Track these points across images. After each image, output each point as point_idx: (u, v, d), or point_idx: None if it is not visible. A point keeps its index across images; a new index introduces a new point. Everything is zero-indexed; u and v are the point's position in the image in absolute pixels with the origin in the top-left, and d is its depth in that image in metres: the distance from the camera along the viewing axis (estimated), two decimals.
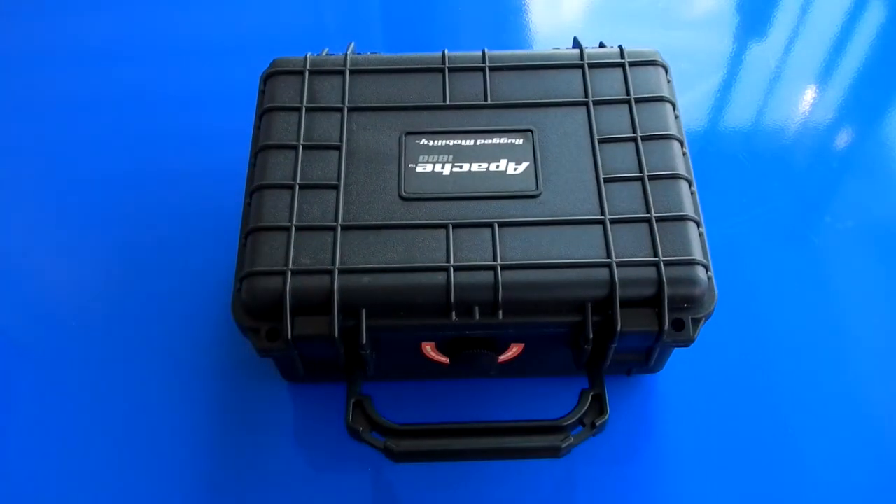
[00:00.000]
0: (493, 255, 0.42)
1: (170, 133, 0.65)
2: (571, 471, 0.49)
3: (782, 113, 0.67)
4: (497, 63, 0.50)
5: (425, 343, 0.46)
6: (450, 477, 0.48)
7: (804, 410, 0.51)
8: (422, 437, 0.43)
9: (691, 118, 0.65)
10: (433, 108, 0.48)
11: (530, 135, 0.47)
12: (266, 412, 0.51)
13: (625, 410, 0.50)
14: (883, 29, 0.73)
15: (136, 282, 0.56)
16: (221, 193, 0.59)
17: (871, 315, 0.55)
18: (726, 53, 0.71)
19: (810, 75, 0.69)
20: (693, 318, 0.42)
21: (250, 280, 0.42)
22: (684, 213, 0.44)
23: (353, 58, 0.51)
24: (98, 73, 0.69)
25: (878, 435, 0.50)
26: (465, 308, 0.42)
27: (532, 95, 0.49)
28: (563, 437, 0.42)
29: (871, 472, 0.48)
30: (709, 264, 0.43)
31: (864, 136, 0.66)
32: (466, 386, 0.52)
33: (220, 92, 0.68)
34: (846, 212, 0.60)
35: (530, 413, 0.50)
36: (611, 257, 0.42)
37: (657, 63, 0.50)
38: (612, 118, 0.48)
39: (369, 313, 0.41)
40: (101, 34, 0.73)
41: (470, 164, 0.46)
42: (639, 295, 0.42)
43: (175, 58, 0.71)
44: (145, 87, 0.68)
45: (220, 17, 0.74)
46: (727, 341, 0.53)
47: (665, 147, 0.46)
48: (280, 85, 0.49)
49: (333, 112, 0.48)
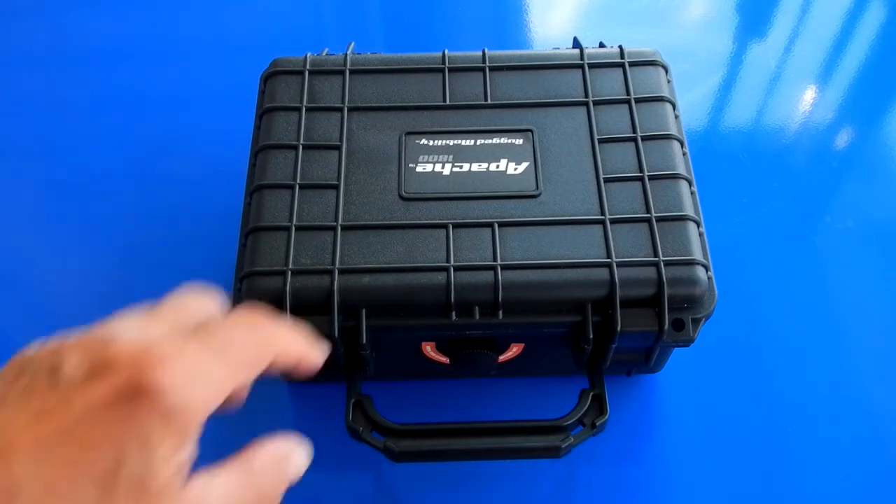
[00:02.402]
0: (493, 255, 0.42)
1: (169, 133, 0.65)
2: (571, 471, 0.49)
3: (782, 113, 0.67)
4: (497, 63, 0.50)
5: (425, 343, 0.46)
6: (450, 477, 0.48)
7: (804, 410, 0.51)
8: (422, 437, 0.43)
9: (691, 118, 0.65)
10: (433, 108, 0.48)
11: (530, 135, 0.47)
12: (266, 412, 0.51)
13: (625, 410, 0.50)
14: (883, 29, 0.73)
15: (137, 282, 0.56)
16: (221, 193, 0.59)
17: (871, 315, 0.55)
18: (726, 53, 0.71)
19: (810, 75, 0.69)
20: (693, 318, 0.42)
21: (250, 280, 0.42)
22: (684, 213, 0.44)
23: (353, 58, 0.51)
24: (97, 72, 0.69)
25: (877, 434, 0.50)
26: (465, 308, 0.42)
27: (532, 95, 0.49)
28: (563, 437, 0.42)
29: (872, 473, 0.48)
30: (709, 264, 0.43)
31: (864, 136, 0.66)
32: (466, 386, 0.52)
33: (220, 92, 0.68)
34: (846, 212, 0.60)
35: (530, 413, 0.50)
36: (611, 257, 0.42)
37: (657, 63, 0.50)
38: (612, 118, 0.48)
39: (369, 313, 0.41)
40: (101, 34, 0.73)
41: (470, 164, 0.46)
42: (639, 295, 0.42)
43: (175, 58, 0.71)
44: (145, 87, 0.68)
45: (220, 17, 0.74)
46: (727, 341, 0.53)
47: (665, 147, 0.46)
48: (280, 85, 0.49)
49: (333, 112, 0.48)
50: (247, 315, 0.33)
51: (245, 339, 0.32)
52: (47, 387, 0.28)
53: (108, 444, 0.27)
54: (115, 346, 0.29)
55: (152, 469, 0.28)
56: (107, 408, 0.27)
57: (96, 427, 0.27)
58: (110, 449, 0.27)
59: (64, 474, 0.26)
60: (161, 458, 0.28)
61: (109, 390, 0.27)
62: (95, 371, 0.28)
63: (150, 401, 0.28)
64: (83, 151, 0.64)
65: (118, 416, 0.27)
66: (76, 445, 0.26)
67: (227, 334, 0.31)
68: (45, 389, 0.28)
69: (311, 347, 0.36)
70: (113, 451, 0.27)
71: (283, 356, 0.35)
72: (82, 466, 0.26)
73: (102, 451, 0.27)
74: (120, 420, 0.27)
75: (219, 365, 0.30)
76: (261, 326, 0.33)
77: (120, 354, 0.28)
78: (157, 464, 0.28)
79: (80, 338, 0.30)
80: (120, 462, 0.27)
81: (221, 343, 0.31)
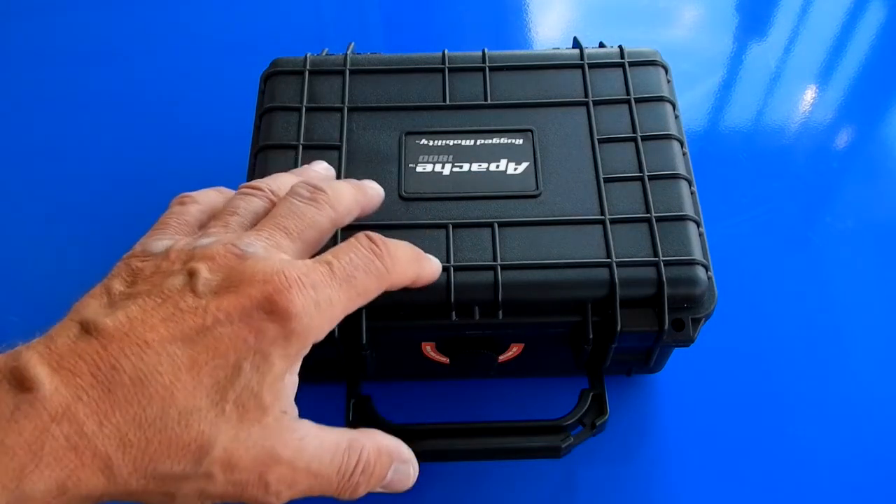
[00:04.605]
0: (493, 255, 0.42)
1: (169, 133, 0.65)
2: (571, 471, 0.49)
3: (782, 113, 0.67)
4: (497, 63, 0.50)
5: (425, 343, 0.46)
6: (449, 477, 0.48)
7: (804, 410, 0.51)
8: (421, 437, 0.43)
9: (691, 118, 0.66)
10: (433, 108, 0.48)
11: (530, 135, 0.47)
12: None
13: (625, 410, 0.50)
14: (883, 29, 0.73)
15: None
16: None
17: (872, 315, 0.55)
18: (726, 53, 0.71)
19: (810, 75, 0.69)
20: (693, 318, 0.42)
21: None
22: (684, 213, 0.44)
23: (353, 58, 0.51)
24: (97, 72, 0.69)
25: (878, 434, 0.50)
26: (465, 308, 0.42)
27: (532, 95, 0.49)
28: (563, 437, 0.42)
29: (872, 473, 0.48)
30: (709, 264, 0.43)
31: (864, 136, 0.66)
32: (466, 386, 0.52)
33: (220, 92, 0.68)
34: (846, 212, 0.60)
35: (530, 413, 0.50)
36: (611, 257, 0.42)
37: (657, 63, 0.50)
38: (612, 118, 0.48)
39: (369, 313, 0.41)
40: (101, 34, 0.73)
41: (470, 164, 0.46)
42: (639, 295, 0.42)
43: (175, 57, 0.71)
44: (144, 87, 0.68)
45: (220, 17, 0.74)
46: (727, 341, 0.53)
47: (665, 147, 0.46)
48: (280, 85, 0.49)
49: (333, 112, 0.48)
50: (370, 240, 0.34)
51: (368, 268, 0.33)
52: (180, 292, 0.29)
53: (233, 352, 0.28)
54: (249, 262, 0.30)
55: (264, 386, 0.29)
56: (240, 318, 0.29)
57: (225, 335, 0.28)
58: (233, 357, 0.28)
59: (189, 374, 0.28)
60: (273, 377, 0.29)
61: (245, 302, 0.29)
62: (231, 282, 0.30)
63: (279, 319, 0.29)
64: (83, 151, 0.64)
65: (247, 328, 0.29)
66: (204, 348, 0.28)
67: (351, 263, 0.33)
68: (178, 293, 0.29)
69: (426, 268, 0.38)
70: (235, 360, 0.28)
71: (400, 282, 0.36)
72: (207, 370, 0.28)
73: (227, 358, 0.28)
74: (248, 332, 0.29)
75: (342, 295, 0.32)
76: (382, 254, 0.34)
77: (255, 270, 0.30)
78: (269, 382, 0.29)
79: (207, 248, 0.31)
80: (238, 372, 0.28)
81: (346, 273, 0.32)
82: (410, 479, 0.35)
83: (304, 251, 0.34)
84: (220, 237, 0.32)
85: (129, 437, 0.26)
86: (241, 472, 0.28)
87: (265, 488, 0.29)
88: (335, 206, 0.36)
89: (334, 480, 0.31)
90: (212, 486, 0.28)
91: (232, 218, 0.35)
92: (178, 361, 0.27)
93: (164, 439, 0.27)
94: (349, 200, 0.38)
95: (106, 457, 0.26)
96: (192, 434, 0.27)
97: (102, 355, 0.27)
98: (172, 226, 0.35)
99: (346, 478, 0.31)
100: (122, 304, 0.29)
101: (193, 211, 0.37)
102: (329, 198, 0.36)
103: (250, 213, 0.35)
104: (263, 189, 0.37)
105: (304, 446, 0.30)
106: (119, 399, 0.26)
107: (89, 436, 0.26)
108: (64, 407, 0.26)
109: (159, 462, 0.27)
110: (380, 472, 0.33)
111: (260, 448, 0.29)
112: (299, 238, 0.34)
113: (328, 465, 0.31)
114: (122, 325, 0.28)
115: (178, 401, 0.27)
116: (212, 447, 0.28)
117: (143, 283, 0.30)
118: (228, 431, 0.28)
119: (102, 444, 0.26)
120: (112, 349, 0.27)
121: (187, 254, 0.31)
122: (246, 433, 0.28)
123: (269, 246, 0.32)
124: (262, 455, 0.29)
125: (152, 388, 0.27)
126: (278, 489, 0.29)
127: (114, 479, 0.26)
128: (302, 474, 0.30)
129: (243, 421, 0.28)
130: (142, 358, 0.27)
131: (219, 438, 0.28)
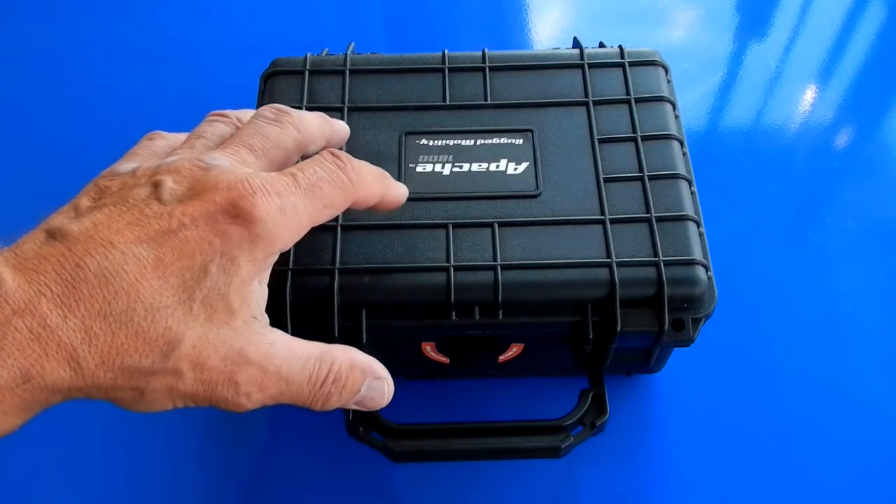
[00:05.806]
0: (493, 255, 0.42)
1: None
2: (571, 471, 0.49)
3: (782, 113, 0.67)
4: (497, 63, 0.50)
5: (425, 343, 0.46)
6: (450, 477, 0.48)
7: (804, 410, 0.51)
8: (422, 437, 0.43)
9: (691, 118, 0.66)
10: (433, 108, 0.48)
11: (530, 135, 0.47)
12: (266, 411, 0.51)
13: (625, 410, 0.50)
14: (883, 29, 0.73)
15: None
16: None
17: (872, 315, 0.55)
18: (726, 53, 0.71)
19: (810, 75, 0.69)
20: (693, 318, 0.42)
21: None
22: (684, 213, 0.44)
23: (353, 58, 0.51)
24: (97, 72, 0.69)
25: (878, 434, 0.50)
26: (465, 308, 0.42)
27: (532, 95, 0.49)
28: (563, 437, 0.42)
29: (873, 473, 0.48)
30: (709, 264, 0.43)
31: (864, 136, 0.66)
32: (466, 386, 0.52)
33: (220, 92, 0.68)
34: (846, 212, 0.60)
35: (530, 413, 0.50)
36: (611, 257, 0.42)
37: (657, 63, 0.50)
38: (612, 118, 0.48)
39: (369, 313, 0.41)
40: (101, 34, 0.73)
41: (470, 164, 0.46)
42: (639, 295, 0.42)
43: (175, 57, 0.71)
44: (144, 87, 0.68)
45: (219, 17, 0.74)
46: (727, 341, 0.53)
47: (665, 147, 0.46)
48: (280, 85, 0.49)
49: (333, 112, 0.48)
50: (334, 156, 0.34)
51: (332, 180, 0.33)
52: (146, 200, 0.30)
53: (198, 254, 0.29)
54: (214, 172, 0.31)
55: (231, 288, 0.29)
56: (205, 221, 0.29)
57: (191, 238, 0.29)
58: (199, 258, 0.29)
59: (155, 273, 0.28)
60: (241, 280, 0.30)
61: (210, 207, 0.29)
62: (195, 191, 0.30)
63: (243, 223, 0.29)
64: (83, 151, 0.64)
65: (212, 231, 0.29)
66: (170, 249, 0.28)
67: (316, 174, 0.33)
68: (143, 202, 0.30)
69: (392, 188, 0.38)
70: (201, 262, 0.29)
71: (365, 199, 0.36)
72: (173, 269, 0.28)
73: (193, 259, 0.29)
74: (213, 235, 0.29)
75: (307, 203, 0.32)
76: (347, 168, 0.34)
77: (219, 179, 0.30)
78: (237, 284, 0.30)
79: (172, 163, 0.32)
80: (205, 273, 0.29)
81: (310, 183, 0.32)
82: (385, 397, 0.35)
83: (269, 168, 0.34)
84: (186, 154, 0.33)
85: (94, 330, 0.27)
86: (209, 370, 0.29)
87: (235, 388, 0.29)
88: (300, 128, 0.36)
89: (305, 388, 0.31)
90: (181, 384, 0.28)
91: (198, 141, 0.35)
92: (144, 261, 0.28)
93: (130, 333, 0.27)
94: (313, 127, 0.38)
95: (71, 348, 0.26)
96: (160, 329, 0.27)
97: (67, 255, 0.27)
98: (140, 154, 0.36)
99: (318, 386, 0.31)
100: (88, 213, 0.30)
101: (161, 144, 0.37)
102: (293, 119, 0.36)
103: (216, 137, 0.36)
104: (230, 115, 0.38)
105: (275, 351, 0.30)
106: (84, 294, 0.27)
107: (52, 327, 0.26)
108: (26, 301, 0.26)
109: (126, 355, 0.27)
110: (352, 386, 0.33)
111: (229, 348, 0.29)
112: (264, 156, 0.34)
113: (299, 372, 0.31)
114: (87, 230, 0.28)
115: (144, 297, 0.27)
116: (179, 343, 0.28)
117: (110, 196, 0.31)
118: (196, 329, 0.28)
119: (67, 335, 0.26)
120: (77, 250, 0.27)
121: (153, 170, 0.32)
122: (214, 333, 0.29)
123: (235, 161, 0.32)
124: (231, 354, 0.29)
125: (118, 285, 0.27)
126: (248, 390, 0.30)
127: (80, 372, 0.27)
128: (272, 378, 0.30)
129: (212, 321, 0.29)
130: (106, 256, 0.27)
131: (186, 335, 0.28)
